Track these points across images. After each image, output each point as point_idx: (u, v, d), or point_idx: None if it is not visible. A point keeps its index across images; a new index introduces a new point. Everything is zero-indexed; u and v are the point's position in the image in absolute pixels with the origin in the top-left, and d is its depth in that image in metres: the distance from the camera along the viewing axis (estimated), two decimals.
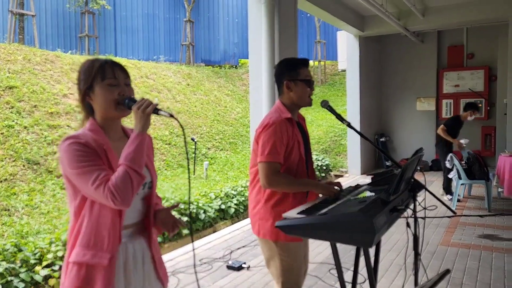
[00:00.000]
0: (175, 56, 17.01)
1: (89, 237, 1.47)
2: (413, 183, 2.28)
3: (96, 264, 1.45)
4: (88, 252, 1.46)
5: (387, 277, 3.83)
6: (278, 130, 2.18)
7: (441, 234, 5.06)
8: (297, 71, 2.29)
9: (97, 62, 1.55)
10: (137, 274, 1.57)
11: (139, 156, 1.45)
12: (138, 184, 1.44)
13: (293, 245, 2.26)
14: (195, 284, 3.77)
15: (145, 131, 1.50)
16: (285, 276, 2.25)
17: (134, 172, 1.42)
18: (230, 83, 15.14)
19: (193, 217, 5.85)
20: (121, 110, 1.55)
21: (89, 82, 1.53)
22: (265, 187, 2.20)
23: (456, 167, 6.36)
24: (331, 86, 17.07)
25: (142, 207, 1.63)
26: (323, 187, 2.22)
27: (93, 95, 1.54)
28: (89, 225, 1.47)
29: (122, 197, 1.38)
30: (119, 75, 1.56)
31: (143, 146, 1.48)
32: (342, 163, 10.65)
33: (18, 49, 9.67)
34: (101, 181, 1.39)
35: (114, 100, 1.53)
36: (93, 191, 1.40)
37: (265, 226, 2.27)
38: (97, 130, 1.54)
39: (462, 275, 3.84)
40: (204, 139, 10.82)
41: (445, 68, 10.39)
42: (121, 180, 1.39)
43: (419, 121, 10.68)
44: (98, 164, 1.44)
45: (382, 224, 1.77)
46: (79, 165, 1.41)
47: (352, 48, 9.64)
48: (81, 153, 1.42)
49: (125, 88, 1.56)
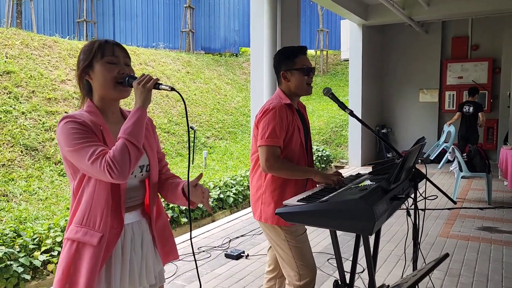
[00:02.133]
0: (174, 43, 16.86)
1: (83, 215, 1.48)
2: (414, 173, 2.23)
3: (86, 242, 1.45)
4: (80, 229, 1.47)
5: (385, 267, 3.81)
6: (278, 115, 2.19)
7: (441, 226, 5.03)
8: (293, 60, 2.29)
9: (97, 41, 1.55)
10: (135, 256, 1.57)
11: (138, 130, 1.43)
12: (136, 158, 1.42)
13: (295, 228, 2.26)
14: (193, 271, 3.76)
15: (146, 107, 1.48)
16: (300, 260, 2.24)
17: (132, 145, 1.40)
18: (231, 72, 15.02)
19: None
20: (120, 90, 1.53)
21: (88, 60, 1.51)
22: (265, 171, 2.20)
23: (458, 159, 6.32)
24: (333, 76, 16.96)
25: (141, 189, 1.63)
26: (323, 175, 2.20)
27: (92, 73, 1.52)
28: (84, 204, 1.48)
29: (120, 170, 1.36)
30: (119, 54, 1.54)
31: (143, 121, 1.46)
32: (343, 154, 10.61)
33: (16, 34, 9.57)
34: (98, 155, 1.38)
35: (113, 78, 1.51)
36: (90, 166, 1.38)
37: (266, 211, 2.27)
38: (95, 112, 1.52)
39: (460, 266, 3.82)
40: (203, 128, 10.76)
41: (449, 59, 10.30)
42: (118, 152, 1.37)
43: (421, 113, 10.61)
44: (95, 141, 1.43)
45: (382, 212, 1.74)
46: (75, 142, 1.40)
47: (355, 37, 9.53)
48: (78, 131, 1.42)
49: (124, 67, 1.55)
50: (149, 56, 12.40)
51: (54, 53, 9.61)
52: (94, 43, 1.54)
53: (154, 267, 1.67)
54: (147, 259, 1.63)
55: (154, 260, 1.67)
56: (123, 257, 1.54)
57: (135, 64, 11.46)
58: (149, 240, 1.65)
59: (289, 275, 2.26)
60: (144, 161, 1.60)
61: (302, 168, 2.25)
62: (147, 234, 1.64)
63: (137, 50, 12.45)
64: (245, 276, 3.66)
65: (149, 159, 1.62)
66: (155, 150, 1.68)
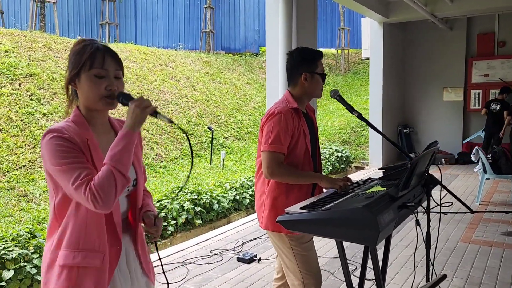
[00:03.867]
0: (194, 44, 16.94)
1: (78, 238, 1.38)
2: (427, 178, 2.11)
3: (88, 265, 1.37)
4: (78, 254, 1.37)
5: (402, 273, 3.68)
6: (283, 120, 2.11)
7: (462, 230, 4.84)
8: (316, 63, 2.23)
9: (89, 47, 1.42)
10: (121, 272, 1.50)
11: (126, 157, 1.34)
12: (123, 187, 1.33)
13: (301, 235, 2.18)
14: (204, 275, 3.72)
15: (137, 130, 1.38)
16: (305, 268, 2.17)
17: (119, 174, 1.31)
18: (250, 71, 14.98)
19: (207, 207, 5.79)
20: (106, 103, 1.44)
21: (77, 69, 1.41)
22: (267, 177, 2.13)
23: (482, 161, 6.08)
24: (354, 75, 16.69)
25: (126, 204, 1.55)
26: (328, 180, 2.11)
27: (79, 83, 1.43)
28: (77, 225, 1.38)
29: (104, 200, 1.27)
30: (109, 65, 1.43)
31: (132, 146, 1.36)
32: (363, 155, 10.40)
33: (39, 37, 9.77)
34: (83, 181, 1.29)
35: (100, 94, 1.41)
36: (73, 191, 1.30)
37: (269, 218, 2.20)
38: (81, 122, 1.43)
39: (482, 273, 3.65)
40: (222, 128, 10.75)
41: (474, 56, 9.96)
42: (104, 181, 1.28)
43: (445, 112, 10.30)
44: (81, 162, 1.33)
45: (388, 222, 1.65)
46: (61, 161, 1.31)
47: (375, 35, 9.33)
48: (64, 148, 1.32)
49: (113, 81, 1.43)
50: (169, 57, 12.47)
51: None
52: (86, 49, 1.42)
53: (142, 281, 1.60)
54: (137, 276, 1.56)
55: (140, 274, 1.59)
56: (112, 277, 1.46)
57: (155, 65, 11.56)
58: (134, 255, 1.57)
59: (293, 284, 2.18)
60: (132, 175, 1.51)
61: (306, 174, 2.17)
62: (131, 250, 1.56)
63: (157, 51, 12.55)
64: (256, 281, 3.59)
65: (137, 174, 1.54)
66: (142, 163, 1.60)
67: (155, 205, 5.34)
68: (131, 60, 11.14)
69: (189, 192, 5.82)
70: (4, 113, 7.28)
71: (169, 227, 5.17)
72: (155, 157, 8.51)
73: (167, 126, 9.56)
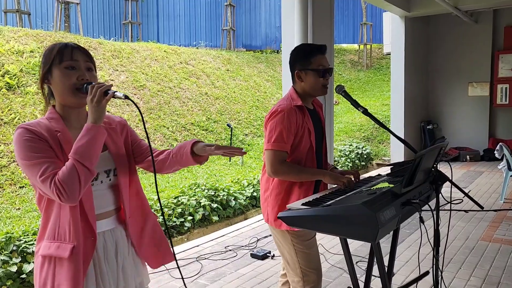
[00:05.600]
0: (215, 42, 17.03)
1: (54, 230, 1.43)
2: (436, 175, 2.06)
3: (59, 256, 1.41)
4: (53, 244, 1.42)
5: (417, 271, 3.60)
6: (286, 118, 2.09)
7: (484, 229, 4.70)
8: (309, 60, 2.18)
9: (57, 45, 1.47)
10: (108, 266, 1.51)
11: (90, 150, 1.36)
12: (86, 180, 1.35)
13: (303, 232, 2.18)
14: (217, 271, 3.75)
15: (99, 123, 1.40)
16: (306, 265, 2.17)
17: (82, 167, 1.33)
18: (271, 69, 14.95)
19: (224, 204, 5.83)
20: (80, 97, 1.45)
21: (47, 66, 1.45)
22: (270, 175, 2.13)
23: (506, 157, 5.89)
24: (377, 70, 16.43)
25: (112, 195, 1.56)
26: (332, 176, 2.09)
27: (52, 79, 1.46)
28: (53, 217, 1.43)
29: (68, 193, 1.30)
30: (78, 57, 1.46)
31: (98, 138, 1.38)
32: (385, 152, 10.24)
33: (64, 37, 10.03)
34: (48, 175, 1.32)
35: (72, 85, 1.44)
36: (41, 184, 1.34)
37: (272, 214, 2.21)
38: (56, 118, 1.46)
39: (501, 273, 3.54)
40: (242, 125, 10.78)
41: (501, 50, 9.62)
42: (67, 175, 1.31)
43: (470, 108, 10.01)
44: (48, 156, 1.36)
45: (389, 219, 1.62)
46: (28, 155, 1.34)
47: (397, 30, 9.13)
48: (31, 143, 1.35)
49: (85, 73, 1.46)
50: (190, 55, 12.59)
51: (98, 55, 9.99)
52: (54, 48, 1.47)
53: (134, 277, 1.60)
54: (124, 269, 1.56)
55: (132, 270, 1.60)
56: (95, 268, 1.48)
57: (176, 63, 11.69)
58: (125, 248, 1.58)
59: (293, 280, 2.18)
60: (110, 165, 1.54)
61: (310, 170, 2.15)
62: (122, 242, 1.57)
63: (178, 50, 12.68)
64: (269, 277, 3.60)
65: (115, 163, 1.55)
66: (123, 151, 1.60)
67: (173, 201, 5.41)
68: (153, 58, 11.30)
69: (206, 188, 5.87)
70: (29, 111, 7.52)
71: (186, 223, 5.23)
72: None
73: (187, 123, 9.66)
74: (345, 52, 17.78)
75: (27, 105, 7.63)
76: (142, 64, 10.71)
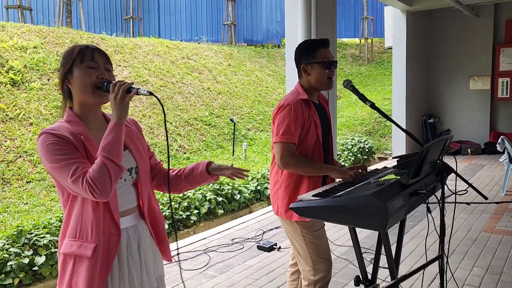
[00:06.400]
0: (217, 37, 17.05)
1: (76, 229, 1.47)
2: (441, 167, 2.12)
3: (81, 254, 1.45)
4: (74, 243, 1.46)
5: (420, 263, 3.67)
6: (293, 111, 2.17)
7: (486, 221, 4.78)
8: (314, 54, 2.26)
9: (77, 47, 1.53)
10: (132, 262, 1.55)
11: (116, 147, 1.41)
12: (116, 176, 1.41)
13: (312, 223, 2.24)
14: (225, 262, 3.83)
15: (123, 120, 1.45)
16: (316, 255, 2.24)
17: (111, 163, 1.39)
18: (272, 63, 14.98)
19: (229, 197, 5.90)
20: (99, 95, 1.50)
21: (68, 65, 1.50)
22: (280, 167, 2.20)
23: (508, 150, 5.95)
24: (378, 64, 16.45)
25: (134, 192, 1.62)
26: (339, 171, 2.17)
27: (72, 78, 1.50)
28: (75, 217, 1.47)
29: (101, 189, 1.36)
30: (98, 59, 1.52)
31: (122, 136, 1.44)
32: (386, 146, 10.31)
33: (66, 33, 10.06)
34: (79, 174, 1.37)
35: (92, 83, 1.49)
36: (72, 185, 1.38)
37: (282, 206, 2.28)
38: (75, 121, 1.50)
39: (503, 263, 3.62)
40: (244, 120, 10.83)
41: (502, 43, 9.66)
42: (98, 172, 1.36)
43: (472, 102, 10.05)
44: (76, 157, 1.41)
45: (397, 208, 1.69)
46: (56, 158, 1.39)
47: (398, 24, 9.17)
48: (58, 146, 1.40)
49: (104, 72, 1.52)
50: (192, 50, 12.62)
51: None
52: (75, 49, 1.52)
53: (154, 271, 1.65)
54: (146, 264, 1.61)
55: (154, 264, 1.65)
56: (120, 264, 1.52)
57: (178, 59, 11.72)
58: (147, 243, 1.63)
59: (304, 269, 2.25)
60: (132, 164, 1.58)
61: (317, 165, 2.23)
62: (144, 237, 1.62)
63: (180, 45, 12.70)
64: (276, 268, 3.68)
65: (136, 161, 1.60)
66: (142, 151, 1.65)
67: (178, 195, 5.48)
68: (155, 54, 11.33)
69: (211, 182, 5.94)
70: (34, 107, 7.58)
71: (192, 217, 5.31)
72: (179, 149, 8.68)
73: (190, 118, 9.72)
74: (346, 47, 17.79)
75: (31, 100, 7.68)
76: (144, 60, 10.75)
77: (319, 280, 2.20)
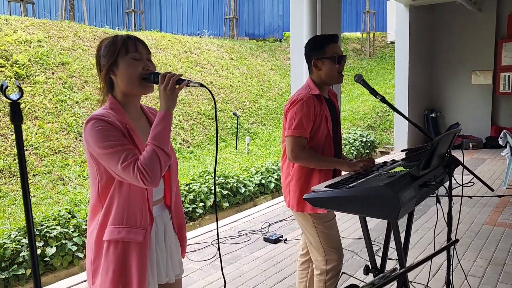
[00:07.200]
0: (219, 30, 17.04)
1: (122, 216, 1.49)
2: (449, 159, 2.18)
3: (131, 239, 1.48)
4: (122, 229, 1.48)
5: (425, 254, 3.75)
6: (305, 106, 2.23)
7: (488, 214, 4.85)
8: (324, 49, 2.31)
9: (120, 37, 1.54)
10: (159, 250, 1.62)
11: (166, 136, 1.46)
12: (166, 164, 1.45)
13: (324, 214, 2.30)
14: (232, 254, 3.89)
15: (171, 110, 1.49)
16: (328, 245, 2.30)
17: (162, 152, 1.43)
18: (274, 57, 14.99)
19: (234, 191, 5.97)
20: (145, 86, 1.55)
21: (113, 57, 1.51)
22: (291, 160, 2.26)
23: (510, 144, 6.00)
24: (380, 59, 16.46)
25: (163, 182, 1.67)
26: (349, 164, 2.23)
27: (117, 70, 1.52)
28: (120, 205, 1.49)
29: (152, 177, 1.40)
30: (141, 50, 1.55)
31: (170, 126, 1.49)
32: (388, 140, 10.37)
33: (69, 26, 10.08)
34: (130, 161, 1.40)
35: (138, 74, 1.52)
36: (121, 171, 1.40)
37: (294, 198, 2.33)
38: (118, 109, 1.53)
39: (506, 255, 3.69)
40: (247, 114, 10.88)
41: (504, 38, 9.68)
42: (150, 160, 1.40)
43: (473, 96, 10.10)
44: (125, 144, 1.44)
45: (409, 199, 1.74)
46: (107, 144, 1.41)
47: (401, 18, 9.19)
48: (108, 132, 1.43)
49: (148, 63, 1.56)
50: (194, 44, 12.63)
51: None
52: (117, 38, 1.53)
53: (177, 257, 1.71)
54: (171, 251, 1.67)
55: (176, 250, 1.71)
56: (150, 252, 1.56)
57: (180, 52, 11.74)
58: (172, 231, 1.68)
59: (317, 259, 2.32)
60: None
61: (328, 159, 2.28)
62: (169, 226, 1.67)
63: (182, 39, 12.72)
64: (283, 260, 3.75)
65: None
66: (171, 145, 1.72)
67: (184, 188, 5.55)
68: (157, 47, 11.35)
69: (217, 176, 6.01)
70: (39, 101, 7.62)
71: (197, 210, 5.37)
72: (182, 143, 8.74)
73: (193, 112, 9.77)
74: (348, 41, 17.78)
75: (36, 94, 7.72)
76: None
77: (331, 270, 2.26)
